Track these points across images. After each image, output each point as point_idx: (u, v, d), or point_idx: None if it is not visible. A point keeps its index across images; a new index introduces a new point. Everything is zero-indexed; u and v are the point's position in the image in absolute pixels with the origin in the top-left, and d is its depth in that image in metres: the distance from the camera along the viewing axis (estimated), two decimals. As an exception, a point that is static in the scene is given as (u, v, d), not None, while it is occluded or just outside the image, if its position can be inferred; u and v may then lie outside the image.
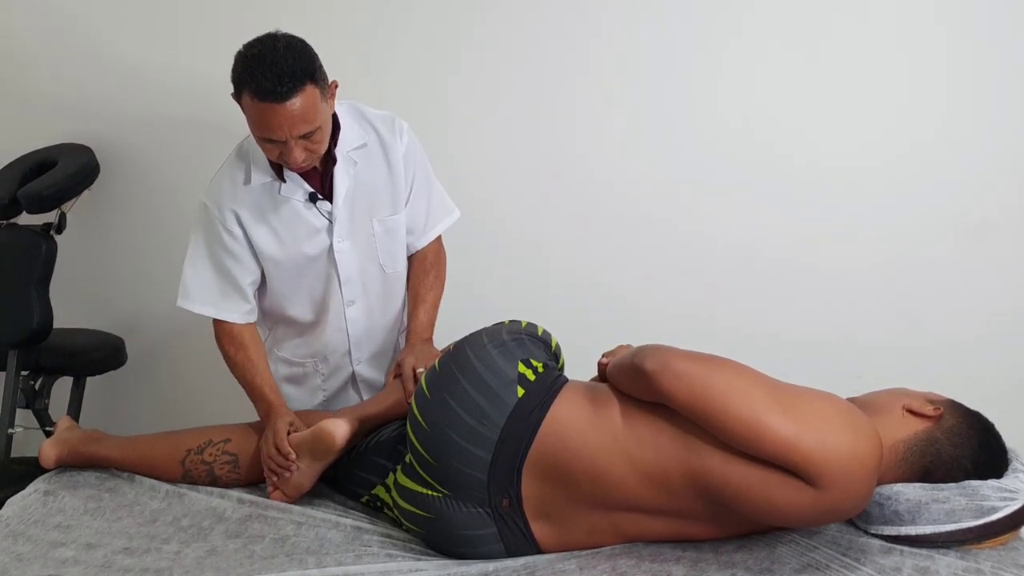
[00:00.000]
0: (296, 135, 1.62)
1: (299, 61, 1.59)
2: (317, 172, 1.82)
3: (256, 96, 1.58)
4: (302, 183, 1.81)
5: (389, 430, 1.69)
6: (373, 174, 1.85)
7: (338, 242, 1.84)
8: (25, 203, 2.32)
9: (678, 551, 1.45)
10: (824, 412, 1.32)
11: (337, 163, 1.81)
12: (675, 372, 1.36)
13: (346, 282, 1.89)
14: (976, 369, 2.31)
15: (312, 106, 1.61)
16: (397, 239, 1.92)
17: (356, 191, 1.84)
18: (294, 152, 1.64)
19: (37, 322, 2.28)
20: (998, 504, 1.36)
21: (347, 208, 1.84)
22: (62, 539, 1.58)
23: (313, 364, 2.00)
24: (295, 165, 1.69)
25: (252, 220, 1.81)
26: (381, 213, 1.88)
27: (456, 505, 1.48)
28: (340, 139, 1.80)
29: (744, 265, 2.41)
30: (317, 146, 1.69)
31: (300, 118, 1.60)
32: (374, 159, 1.85)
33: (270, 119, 1.59)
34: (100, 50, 2.54)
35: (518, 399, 1.47)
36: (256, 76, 1.57)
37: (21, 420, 2.40)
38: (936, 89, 2.27)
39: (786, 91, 2.31)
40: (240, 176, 1.82)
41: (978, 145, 2.27)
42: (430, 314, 1.94)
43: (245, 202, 1.81)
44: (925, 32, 2.25)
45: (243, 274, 1.85)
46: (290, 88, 1.57)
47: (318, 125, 1.64)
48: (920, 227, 2.34)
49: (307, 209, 1.82)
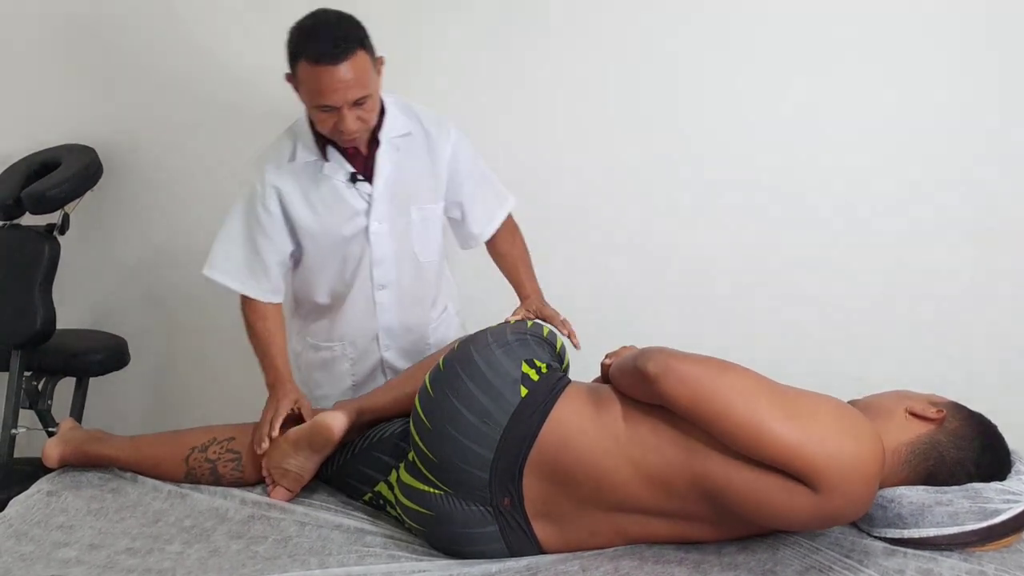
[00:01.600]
0: (350, 99, 1.67)
1: (351, 28, 1.68)
2: (361, 155, 1.86)
3: (312, 60, 1.64)
4: (344, 163, 1.85)
5: (393, 427, 1.69)
6: (415, 163, 1.89)
7: (375, 224, 1.88)
8: (28, 204, 2.32)
9: (681, 553, 1.45)
10: (826, 416, 1.32)
11: (380, 147, 1.85)
12: (677, 375, 1.36)
13: (378, 264, 1.92)
14: (980, 371, 2.31)
15: (364, 71, 1.67)
16: (433, 229, 1.96)
17: (397, 177, 1.88)
18: (347, 119, 1.69)
19: (40, 323, 2.28)
20: (1001, 507, 1.36)
21: (387, 192, 1.87)
22: (65, 539, 1.58)
23: (341, 348, 2.02)
24: (348, 135, 1.73)
25: (293, 196, 1.85)
26: (420, 201, 1.92)
27: (458, 503, 1.48)
28: (385, 124, 1.85)
29: (747, 267, 2.42)
30: (369, 115, 1.74)
31: (354, 81, 1.66)
32: (417, 149, 1.90)
33: (326, 83, 1.65)
34: (103, 51, 2.55)
35: (521, 399, 1.47)
36: (312, 42, 1.64)
37: (24, 421, 2.40)
38: (943, 94, 2.27)
39: (794, 96, 2.31)
40: (286, 153, 1.86)
41: (984, 150, 2.27)
42: (530, 276, 2.06)
43: (288, 178, 1.85)
44: (933, 39, 2.24)
45: (272, 253, 1.89)
46: (344, 50, 1.63)
47: (370, 92, 1.70)
48: (924, 231, 2.33)
49: (347, 189, 1.85)
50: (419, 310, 2.03)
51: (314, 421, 1.68)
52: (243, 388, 2.69)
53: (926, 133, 2.29)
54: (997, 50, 2.22)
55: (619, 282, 2.47)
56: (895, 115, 2.29)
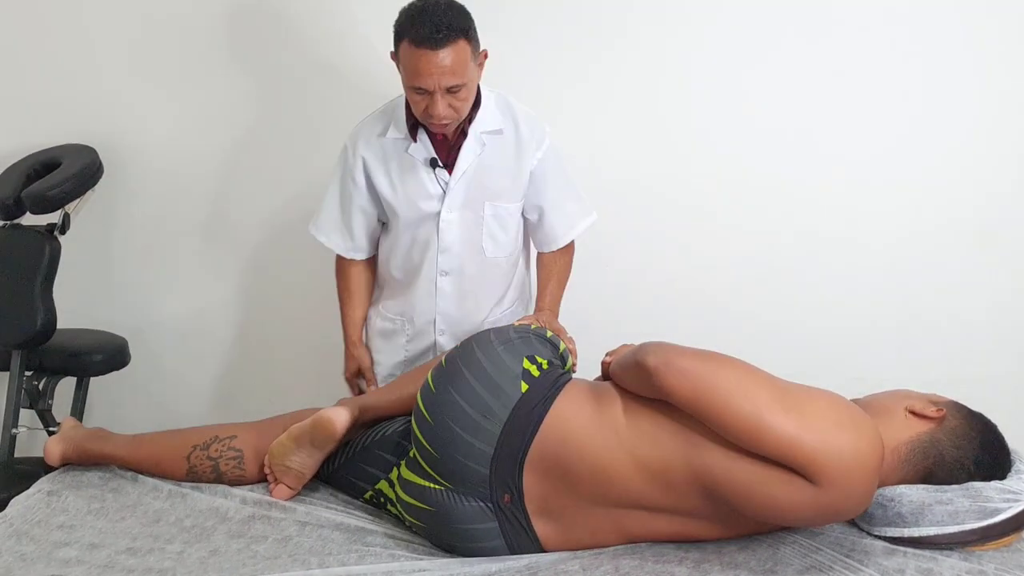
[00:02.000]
0: (444, 85, 1.72)
1: (457, 17, 1.71)
2: (446, 143, 1.91)
3: (413, 43, 1.69)
4: (429, 148, 1.91)
5: (395, 425, 1.70)
6: (498, 160, 1.93)
7: (446, 212, 1.93)
8: (29, 204, 2.32)
9: (681, 552, 1.46)
10: (826, 411, 1.33)
11: (467, 139, 1.90)
12: (678, 369, 1.36)
13: (444, 252, 1.97)
14: (979, 370, 2.31)
15: (462, 61, 1.71)
16: (505, 227, 1.99)
17: (477, 170, 1.92)
18: (439, 104, 1.74)
19: (41, 323, 2.28)
20: (1001, 506, 1.36)
21: (463, 183, 1.92)
22: (65, 539, 1.58)
23: (401, 323, 2.08)
24: (438, 120, 1.77)
25: (376, 168, 1.94)
26: (496, 198, 1.95)
27: (458, 498, 1.48)
28: (477, 118, 1.90)
29: (748, 266, 2.42)
30: (461, 104, 1.78)
31: (450, 69, 1.70)
32: (505, 147, 1.93)
33: (423, 66, 1.70)
34: (104, 50, 2.55)
35: (521, 394, 1.48)
36: (416, 24, 1.69)
37: (25, 420, 2.40)
38: (942, 93, 2.27)
39: (797, 95, 2.32)
40: (379, 127, 1.95)
41: (985, 148, 2.28)
42: (559, 291, 2.09)
43: (375, 151, 1.94)
44: (933, 38, 2.25)
45: (358, 214, 2.00)
46: (445, 37, 1.68)
47: (464, 83, 1.74)
48: (925, 230, 2.34)
49: (427, 173, 1.92)
50: (480, 303, 2.06)
51: (316, 417, 1.68)
52: (243, 387, 2.71)
53: (926, 132, 2.29)
54: (997, 49, 2.23)
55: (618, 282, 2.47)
56: (895, 114, 2.29)
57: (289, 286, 2.66)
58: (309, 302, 2.66)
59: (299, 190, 2.58)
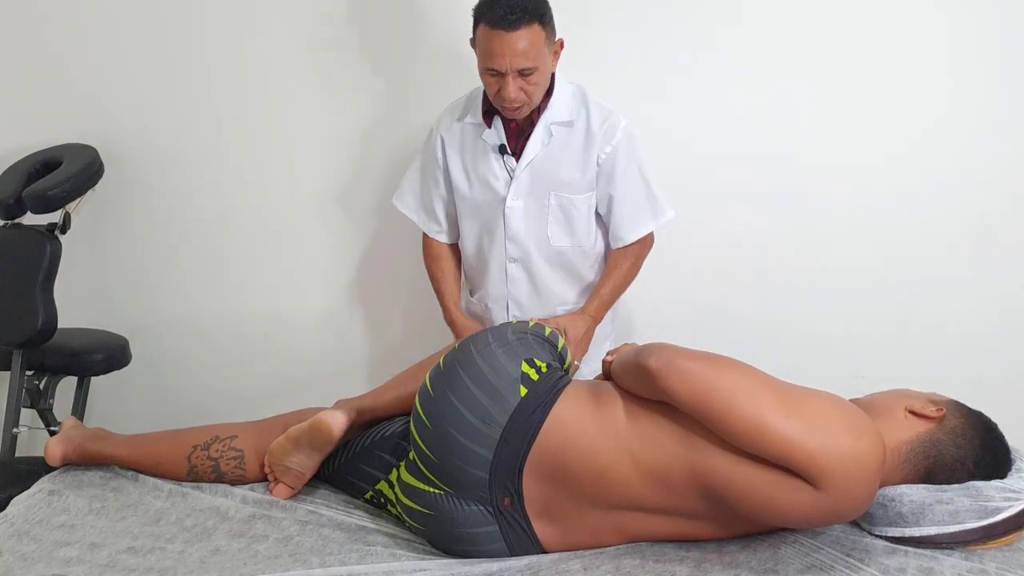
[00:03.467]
0: (516, 67, 1.78)
1: (532, 2, 1.77)
2: (518, 131, 1.97)
3: (489, 24, 1.76)
4: (501, 134, 1.97)
5: (394, 426, 1.70)
6: (567, 151, 1.96)
7: (512, 199, 1.99)
8: (30, 203, 2.32)
9: (682, 551, 1.45)
10: (827, 413, 1.32)
11: (536, 128, 1.95)
12: (679, 370, 1.36)
13: (511, 239, 2.03)
14: (980, 370, 2.31)
15: (535, 45, 1.77)
16: (572, 218, 2.01)
17: (544, 160, 1.96)
18: (510, 87, 1.80)
19: (42, 322, 2.28)
20: (1002, 505, 1.36)
21: (529, 172, 1.97)
22: (66, 538, 1.58)
23: (480, 307, 2.16)
24: (508, 103, 1.83)
25: (452, 150, 2.03)
26: (561, 189, 1.98)
27: (458, 503, 1.48)
28: (548, 107, 1.94)
29: (747, 265, 2.42)
30: (533, 89, 1.84)
31: (522, 52, 1.76)
32: (574, 139, 1.96)
33: (497, 47, 1.76)
34: (104, 50, 2.55)
35: (521, 398, 1.47)
36: (494, 7, 1.76)
37: (25, 420, 2.40)
38: (939, 88, 2.27)
39: (790, 91, 2.31)
40: (459, 111, 2.04)
41: (983, 143, 2.28)
42: (608, 296, 2.06)
43: (454, 133, 2.03)
44: (927, 31, 2.25)
45: (438, 196, 2.09)
46: (519, 19, 1.74)
47: (537, 67, 1.80)
48: (925, 227, 2.34)
49: (496, 159, 1.98)
50: (553, 292, 2.09)
51: (313, 420, 1.68)
52: (244, 387, 2.71)
53: (925, 132, 2.29)
54: (997, 48, 2.22)
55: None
56: (896, 114, 2.29)
57: (290, 286, 2.66)
58: (309, 302, 2.67)
59: (300, 190, 2.58)
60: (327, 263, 2.63)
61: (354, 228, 2.59)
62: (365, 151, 2.52)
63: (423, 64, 2.43)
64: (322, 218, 2.59)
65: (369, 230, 2.58)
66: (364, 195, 2.55)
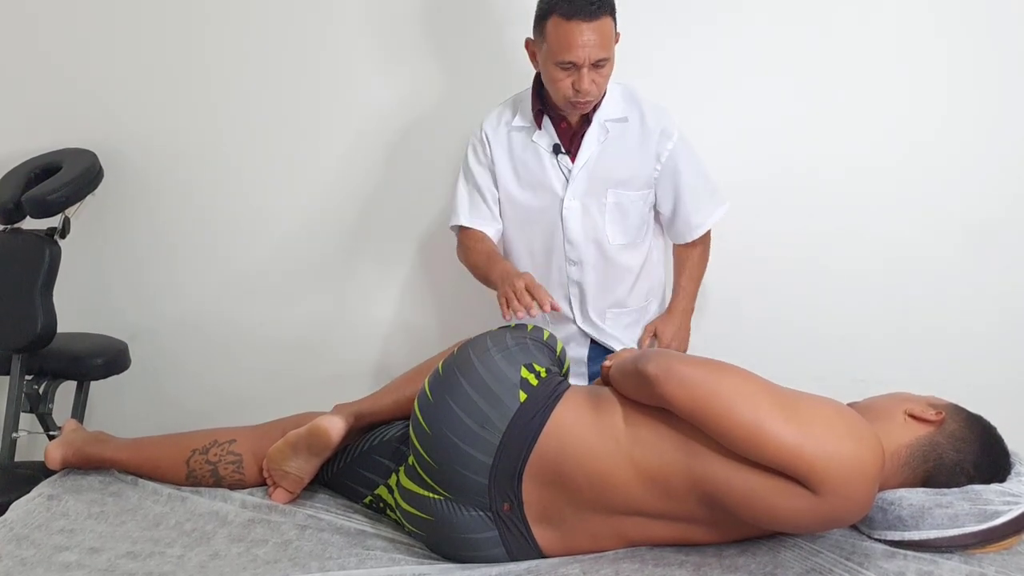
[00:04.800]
0: (593, 58, 1.75)
1: None
2: (570, 131, 1.94)
3: (565, 16, 1.73)
4: (553, 134, 1.94)
5: (393, 430, 1.70)
6: (622, 148, 1.93)
7: (569, 200, 1.95)
8: (29, 208, 2.32)
9: (681, 555, 1.45)
10: (826, 419, 1.32)
11: (591, 126, 1.92)
12: (678, 377, 1.36)
13: (570, 241, 1.98)
14: (979, 373, 2.31)
15: (609, 37, 1.77)
16: (628, 216, 1.98)
17: (600, 158, 1.93)
18: (585, 79, 1.77)
19: (41, 327, 2.28)
20: (1001, 508, 1.36)
21: (586, 171, 1.93)
22: (66, 543, 1.58)
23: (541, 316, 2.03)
24: (584, 95, 1.80)
25: (501, 153, 1.98)
26: (619, 186, 1.95)
27: (457, 508, 1.48)
28: (602, 106, 1.91)
29: (746, 267, 2.41)
30: (603, 81, 1.82)
31: (599, 43, 1.75)
32: (629, 135, 1.94)
33: (575, 38, 1.74)
34: (103, 55, 2.55)
35: (520, 404, 1.47)
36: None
37: (25, 425, 2.40)
38: (939, 90, 2.27)
39: (788, 94, 2.31)
40: (507, 114, 2.00)
41: (983, 146, 2.28)
42: (692, 285, 2.09)
43: (501, 135, 1.98)
44: (927, 34, 2.25)
45: (488, 191, 2.01)
46: (598, 9, 1.73)
47: (609, 57, 1.79)
48: (924, 229, 2.33)
49: (550, 160, 1.94)
50: (615, 289, 2.05)
51: (311, 425, 1.68)
52: (243, 391, 2.71)
53: (925, 133, 2.29)
54: (997, 49, 2.22)
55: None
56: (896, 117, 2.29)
57: (289, 290, 2.66)
58: (308, 306, 2.66)
59: (300, 193, 2.58)
60: (326, 267, 2.63)
61: (353, 232, 2.59)
62: (366, 153, 2.52)
63: (424, 64, 2.43)
64: (321, 222, 2.59)
65: (368, 234, 2.58)
66: (363, 198, 2.55)
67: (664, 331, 2.08)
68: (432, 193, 2.49)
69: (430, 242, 2.55)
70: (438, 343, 2.23)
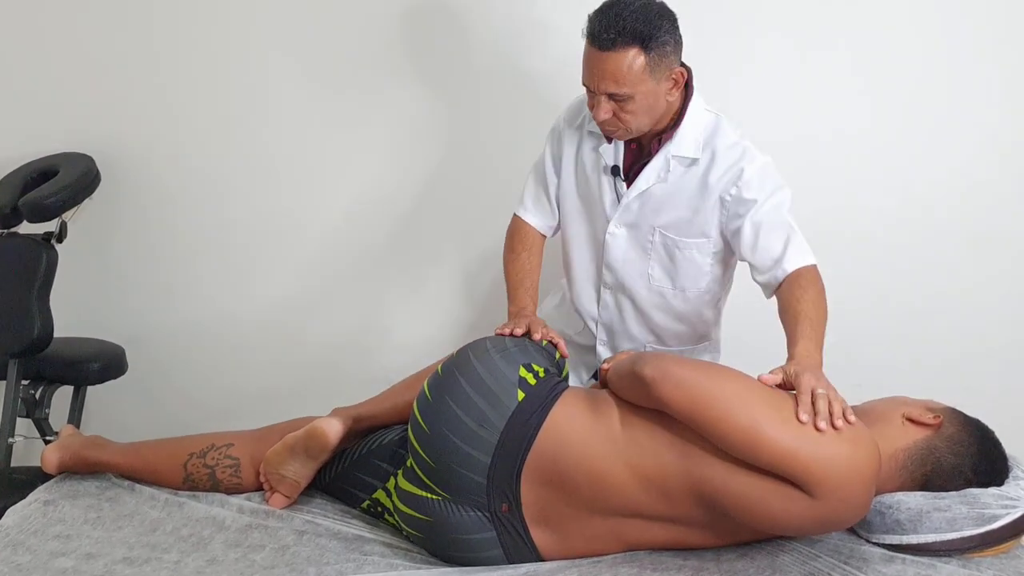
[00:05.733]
0: (603, 90, 1.62)
1: (639, 23, 1.57)
2: (635, 154, 1.82)
3: (588, 38, 1.62)
4: (618, 154, 1.81)
5: (391, 434, 1.69)
6: (680, 190, 1.78)
7: (613, 226, 1.85)
8: (26, 212, 2.32)
9: (679, 559, 1.45)
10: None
11: (655, 158, 1.78)
12: (675, 380, 1.36)
13: (608, 266, 1.90)
14: (977, 377, 2.31)
15: (626, 70, 1.59)
16: (676, 261, 1.85)
17: (654, 194, 1.80)
18: (597, 108, 1.65)
19: (38, 331, 2.28)
20: (999, 512, 1.36)
21: (637, 203, 1.81)
22: (62, 549, 1.57)
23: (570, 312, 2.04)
24: (597, 121, 1.69)
25: (568, 151, 1.89)
26: (667, 228, 1.82)
27: (455, 508, 1.48)
28: (674, 139, 1.76)
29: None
30: (628, 118, 1.66)
31: (610, 75, 1.60)
32: (690, 178, 1.77)
33: (588, 62, 1.63)
34: (101, 59, 2.55)
35: (518, 403, 1.47)
36: (596, 18, 1.61)
37: (21, 429, 2.39)
38: (937, 96, 2.27)
39: (787, 98, 2.31)
40: (584, 114, 1.86)
41: (981, 153, 2.28)
42: (817, 334, 1.58)
43: (572, 135, 1.89)
44: (926, 40, 2.25)
45: (551, 186, 1.93)
46: (612, 41, 1.57)
47: (630, 94, 1.61)
48: (923, 235, 2.34)
49: (606, 178, 1.84)
50: (642, 324, 1.95)
51: (309, 428, 1.68)
52: (241, 395, 2.70)
53: (923, 136, 2.29)
54: (996, 52, 2.23)
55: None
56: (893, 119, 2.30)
57: (286, 294, 2.66)
58: (306, 310, 2.66)
59: (297, 198, 2.58)
60: (324, 272, 2.63)
61: (350, 237, 2.59)
62: (363, 159, 2.53)
63: (424, 68, 2.43)
64: (319, 227, 2.59)
65: (365, 239, 2.58)
66: (362, 203, 2.55)
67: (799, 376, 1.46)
68: (431, 197, 2.49)
69: (430, 248, 2.55)
70: (439, 349, 2.23)
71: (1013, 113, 2.26)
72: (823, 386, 1.38)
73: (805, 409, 1.33)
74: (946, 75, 2.26)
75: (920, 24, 2.25)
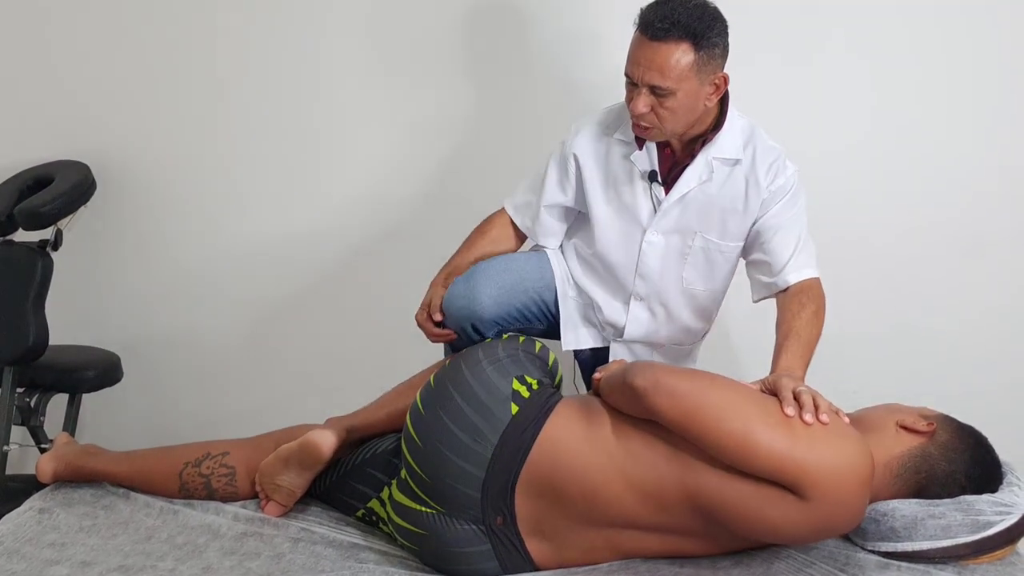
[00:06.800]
0: (647, 81, 1.61)
1: (693, 19, 1.58)
2: (671, 159, 1.78)
3: (639, 27, 1.61)
4: (654, 159, 1.77)
5: (385, 443, 1.69)
6: (724, 193, 1.77)
7: (652, 234, 1.81)
8: (22, 220, 2.32)
9: (675, 567, 1.45)
10: (814, 427, 1.33)
11: (695, 160, 1.75)
12: (666, 389, 1.36)
13: (642, 275, 1.85)
14: (971, 384, 2.31)
15: (674, 64, 1.58)
16: (713, 263, 1.84)
17: (696, 198, 1.77)
18: (637, 99, 1.63)
19: (33, 339, 2.27)
20: (994, 519, 1.36)
21: (678, 208, 1.78)
22: (56, 557, 1.57)
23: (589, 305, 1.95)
24: (634, 115, 1.66)
25: (592, 165, 1.83)
26: (710, 232, 1.80)
27: (450, 522, 1.47)
28: (714, 143, 1.74)
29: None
30: (666, 114, 1.64)
31: (656, 66, 1.59)
32: (734, 182, 1.76)
33: (635, 51, 1.62)
34: (97, 67, 2.55)
35: (512, 416, 1.47)
36: (651, 9, 1.61)
37: (16, 438, 2.39)
38: (935, 101, 2.28)
39: (785, 101, 2.31)
40: (608, 123, 1.84)
41: (977, 157, 2.29)
42: (805, 352, 1.62)
43: (593, 149, 1.83)
44: (924, 44, 2.26)
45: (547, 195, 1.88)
46: (664, 32, 1.57)
47: (672, 89, 1.60)
48: (918, 241, 2.34)
49: (642, 186, 1.79)
50: (672, 335, 1.94)
51: (302, 440, 1.67)
52: (236, 403, 2.70)
53: (922, 141, 2.30)
54: (996, 56, 2.24)
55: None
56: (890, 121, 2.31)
57: (282, 302, 2.66)
58: (302, 318, 2.66)
59: (293, 207, 2.59)
60: (321, 280, 2.63)
61: (349, 245, 2.59)
62: (359, 168, 2.53)
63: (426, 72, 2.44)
64: (316, 235, 2.59)
65: (361, 248, 2.58)
66: (360, 211, 2.55)
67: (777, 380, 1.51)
68: (428, 202, 2.49)
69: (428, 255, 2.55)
70: (435, 353, 2.23)
71: (1012, 121, 2.27)
72: (804, 387, 1.40)
73: (789, 403, 1.35)
74: (946, 83, 2.27)
75: (920, 32, 2.26)
